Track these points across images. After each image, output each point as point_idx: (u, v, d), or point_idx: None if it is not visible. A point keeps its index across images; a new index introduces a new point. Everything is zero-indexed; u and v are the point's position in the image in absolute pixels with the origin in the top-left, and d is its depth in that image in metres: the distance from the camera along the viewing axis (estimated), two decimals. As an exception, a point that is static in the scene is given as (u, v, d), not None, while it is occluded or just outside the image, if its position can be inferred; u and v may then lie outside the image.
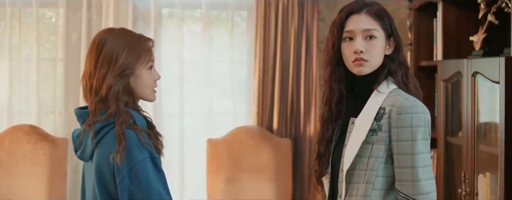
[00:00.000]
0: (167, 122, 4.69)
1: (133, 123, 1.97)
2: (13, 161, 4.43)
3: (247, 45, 4.71)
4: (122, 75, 1.98)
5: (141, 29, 4.56)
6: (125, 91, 1.99)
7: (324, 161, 2.11)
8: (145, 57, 2.04)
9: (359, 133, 1.99)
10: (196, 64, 4.68)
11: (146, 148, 1.92)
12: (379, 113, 1.99)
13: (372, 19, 2.04)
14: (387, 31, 2.05)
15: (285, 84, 4.62)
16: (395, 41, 2.06)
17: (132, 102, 2.03)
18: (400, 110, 1.95)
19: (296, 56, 4.62)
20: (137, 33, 2.10)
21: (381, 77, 2.04)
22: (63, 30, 4.59)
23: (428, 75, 3.91)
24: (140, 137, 1.93)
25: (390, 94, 2.01)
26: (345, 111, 2.09)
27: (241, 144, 4.53)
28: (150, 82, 2.06)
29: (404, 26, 4.31)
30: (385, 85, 2.04)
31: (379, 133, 1.97)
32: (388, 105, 1.99)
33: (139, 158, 1.91)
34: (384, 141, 1.97)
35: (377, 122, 1.98)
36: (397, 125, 1.95)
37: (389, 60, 2.05)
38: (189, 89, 4.68)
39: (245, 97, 4.72)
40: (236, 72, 4.71)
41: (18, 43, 4.61)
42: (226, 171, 4.50)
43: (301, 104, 4.62)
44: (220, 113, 4.75)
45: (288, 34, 4.62)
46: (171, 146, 4.58)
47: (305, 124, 4.63)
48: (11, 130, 4.51)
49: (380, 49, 2.03)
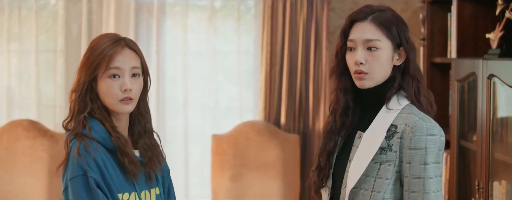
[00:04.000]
0: (171, 116, 4.63)
1: (84, 133, 1.92)
2: (11, 157, 4.37)
3: (253, 37, 4.62)
4: (80, 83, 1.97)
5: (144, 19, 4.50)
6: (85, 100, 1.96)
7: (324, 173, 2.01)
8: (101, 66, 1.96)
9: (367, 150, 1.88)
10: (200, 56, 4.62)
11: (80, 165, 1.87)
12: (390, 131, 1.88)
13: (376, 29, 1.90)
14: (394, 41, 1.91)
15: (293, 77, 4.55)
16: (405, 51, 1.92)
17: (100, 112, 1.97)
18: (415, 131, 1.85)
19: (305, 48, 4.53)
20: (112, 37, 2.02)
21: (390, 93, 1.91)
22: (63, 21, 4.51)
23: (442, 72, 3.78)
24: (80, 151, 1.88)
25: (403, 111, 1.90)
26: (350, 123, 1.98)
27: (247, 140, 4.47)
28: (111, 91, 1.97)
29: (416, 19, 4.18)
30: (396, 100, 1.92)
31: (389, 152, 1.87)
32: (401, 123, 1.88)
33: (71, 175, 1.88)
34: (393, 162, 1.87)
35: (388, 141, 1.88)
36: (410, 146, 1.85)
37: (399, 71, 1.93)
38: (193, 82, 4.62)
39: (251, 91, 4.65)
40: (242, 65, 4.64)
41: (17, 35, 4.54)
42: (231, 168, 4.44)
43: (310, 98, 4.55)
44: (226, 107, 4.68)
45: (297, 25, 4.52)
46: (175, 141, 4.54)
47: (314, 119, 4.57)
48: (10, 125, 4.45)
49: (384, 61, 1.91)
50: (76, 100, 2.00)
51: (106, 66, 1.96)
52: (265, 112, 4.55)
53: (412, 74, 1.92)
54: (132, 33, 4.46)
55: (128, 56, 2.01)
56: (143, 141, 2.09)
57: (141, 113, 2.09)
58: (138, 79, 2.02)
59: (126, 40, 2.04)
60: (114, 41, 2.01)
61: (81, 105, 1.99)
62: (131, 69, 2.00)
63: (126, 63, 1.99)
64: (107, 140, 1.97)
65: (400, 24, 1.92)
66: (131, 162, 1.97)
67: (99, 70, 1.97)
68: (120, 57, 1.99)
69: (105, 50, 1.98)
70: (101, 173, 1.91)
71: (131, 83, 1.99)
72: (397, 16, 1.93)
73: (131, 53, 2.02)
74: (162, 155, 2.15)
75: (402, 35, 1.91)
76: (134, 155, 2.00)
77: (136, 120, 2.09)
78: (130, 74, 2.00)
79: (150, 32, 4.53)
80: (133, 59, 2.02)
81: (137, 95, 2.03)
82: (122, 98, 1.98)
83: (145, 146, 2.08)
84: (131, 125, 2.09)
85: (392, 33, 1.90)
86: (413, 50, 1.93)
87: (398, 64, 1.92)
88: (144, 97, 2.11)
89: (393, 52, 1.91)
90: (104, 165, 1.93)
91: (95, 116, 1.99)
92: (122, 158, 1.96)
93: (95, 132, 1.96)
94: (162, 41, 4.52)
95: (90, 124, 1.97)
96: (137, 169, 1.98)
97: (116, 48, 1.99)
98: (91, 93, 2.00)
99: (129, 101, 2.00)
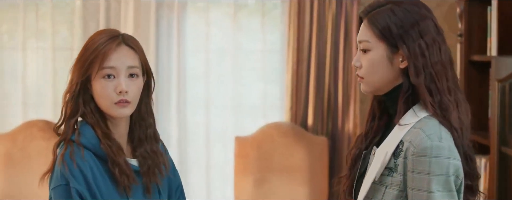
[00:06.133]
0: (192, 116, 4.54)
1: (72, 139, 1.80)
2: (26, 159, 4.29)
3: (279, 33, 4.51)
4: (72, 84, 1.84)
5: (165, 15, 4.43)
6: (77, 103, 1.83)
7: (348, 183, 1.83)
8: (94, 65, 1.80)
9: (373, 170, 1.67)
10: (223, 54, 4.53)
11: (63, 173, 1.75)
12: (398, 149, 1.64)
13: (368, 28, 1.69)
14: (388, 41, 1.67)
15: (322, 76, 4.43)
16: (404, 53, 1.66)
17: (92, 116, 1.83)
18: (417, 151, 1.60)
19: (334, 45, 4.40)
20: (108, 33, 1.86)
21: (399, 105, 1.67)
22: (80, 17, 4.42)
23: (481, 71, 3.56)
24: (64, 159, 1.75)
25: (416, 124, 1.64)
26: (373, 135, 1.78)
27: (272, 142, 4.38)
28: (105, 93, 1.81)
29: (453, 13, 3.96)
30: (412, 113, 1.66)
31: (394, 174, 1.64)
32: (408, 140, 1.63)
33: (53, 184, 1.78)
34: (398, 186, 1.64)
35: (395, 160, 1.64)
36: (413, 169, 1.61)
37: (406, 76, 1.68)
38: (216, 81, 4.53)
39: (277, 90, 4.54)
40: (267, 63, 4.53)
41: (33, 32, 4.46)
42: (255, 171, 4.36)
43: (339, 99, 4.42)
44: (250, 108, 4.58)
45: (325, 20, 4.39)
46: (196, 141, 4.49)
47: (343, 121, 4.44)
48: (25, 126, 4.38)
49: (377, 64, 1.68)
50: (68, 102, 1.86)
51: (99, 65, 1.81)
52: (291, 113, 4.45)
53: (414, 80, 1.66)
54: (152, 30, 4.38)
55: (125, 54, 1.84)
56: (143, 148, 1.91)
57: (142, 118, 1.93)
58: (136, 80, 1.85)
59: (123, 36, 1.87)
60: (109, 37, 1.84)
61: (73, 108, 1.85)
62: (127, 68, 1.84)
63: (122, 62, 1.83)
64: (97, 147, 1.81)
65: (403, 23, 1.67)
66: (123, 172, 1.80)
67: (92, 69, 1.82)
68: (115, 55, 1.82)
69: (99, 48, 1.82)
70: (87, 183, 1.75)
71: (127, 84, 1.82)
72: (401, 14, 1.68)
73: (128, 51, 1.85)
74: (167, 165, 1.97)
75: (401, 34, 1.67)
76: (127, 165, 1.83)
77: (137, 126, 1.92)
78: (126, 74, 1.83)
79: (171, 29, 4.43)
80: (130, 58, 1.85)
81: (135, 98, 1.86)
82: (118, 100, 1.82)
83: (144, 154, 1.90)
84: (131, 131, 1.92)
85: (384, 33, 1.67)
86: (414, 53, 1.66)
87: (402, 67, 1.68)
88: (147, 100, 1.94)
89: (390, 54, 1.68)
90: (92, 174, 1.77)
91: (87, 121, 1.84)
92: (112, 168, 1.79)
93: (84, 137, 1.81)
94: (183, 38, 4.44)
95: (81, 129, 1.83)
96: (129, 181, 1.81)
97: (110, 45, 1.82)
98: (85, 95, 1.85)
99: (126, 104, 1.83)
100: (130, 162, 1.86)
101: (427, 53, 1.66)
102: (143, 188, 1.87)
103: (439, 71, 1.67)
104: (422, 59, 1.65)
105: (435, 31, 1.69)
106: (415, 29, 1.66)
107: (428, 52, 1.66)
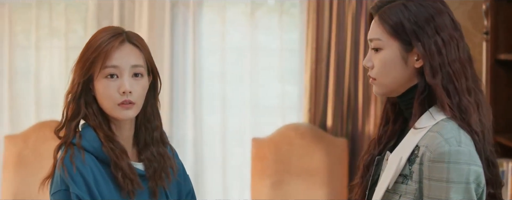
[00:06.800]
0: (208, 117, 4.49)
1: (73, 142, 1.73)
2: (38, 160, 4.25)
3: (298, 33, 4.44)
4: (74, 84, 1.79)
5: (180, 13, 4.38)
6: (78, 104, 1.77)
7: (360, 191, 1.73)
8: (96, 65, 1.73)
9: (386, 178, 1.56)
10: (240, 53, 4.48)
11: (62, 178, 1.69)
12: (413, 154, 1.53)
13: (378, 25, 1.59)
14: (402, 39, 1.56)
15: (341, 75, 4.36)
16: (418, 51, 1.55)
17: (94, 118, 1.76)
18: (434, 157, 1.49)
19: (354, 44, 4.31)
20: (111, 30, 1.78)
21: (415, 108, 1.56)
22: (93, 16, 4.36)
23: (508, 70, 3.46)
24: (64, 163, 1.68)
25: (433, 127, 1.53)
26: (387, 140, 1.67)
27: (290, 144, 4.32)
28: (107, 94, 1.73)
29: (478, 10, 3.84)
30: (428, 115, 1.55)
31: (409, 182, 1.53)
32: (424, 144, 1.52)
33: (53, 189, 1.74)
34: (413, 194, 1.53)
35: (410, 166, 1.53)
36: (429, 177, 1.49)
37: (422, 76, 1.57)
38: (232, 80, 4.49)
39: (295, 90, 4.49)
40: (286, 63, 4.47)
41: (46, 31, 4.43)
42: (272, 174, 4.30)
43: (359, 99, 4.35)
44: (267, 108, 4.52)
45: (345, 18, 4.31)
46: (212, 142, 4.46)
47: (363, 122, 4.36)
48: (38, 127, 4.34)
49: (389, 63, 1.58)
50: (69, 103, 1.79)
51: (101, 64, 1.73)
52: (310, 114, 4.38)
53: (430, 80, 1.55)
54: (167, 29, 4.32)
55: (128, 52, 1.76)
56: (149, 151, 1.83)
57: (148, 120, 1.84)
58: (140, 80, 1.77)
59: (127, 34, 1.79)
60: (112, 35, 1.76)
61: (74, 110, 1.77)
62: (131, 67, 1.75)
63: (125, 61, 1.75)
64: (99, 150, 1.73)
65: (417, 18, 1.56)
66: (126, 177, 1.72)
67: (94, 69, 1.74)
68: (118, 54, 1.74)
69: (101, 46, 1.74)
70: (88, 188, 1.68)
71: (131, 84, 1.74)
72: (414, 9, 1.57)
73: (133, 49, 1.77)
74: (175, 168, 1.87)
75: (415, 30, 1.56)
76: (131, 169, 1.74)
77: (142, 128, 1.84)
78: (130, 73, 1.75)
79: (187, 28, 4.38)
80: (134, 56, 1.77)
81: (140, 99, 1.78)
82: (121, 101, 1.74)
83: (150, 157, 1.82)
84: (136, 134, 1.84)
85: (397, 30, 1.56)
86: (430, 51, 1.55)
87: (417, 66, 1.57)
88: (153, 101, 1.86)
89: (403, 52, 1.57)
90: (93, 179, 1.69)
91: (89, 123, 1.77)
92: (115, 172, 1.71)
93: (86, 140, 1.74)
94: (199, 37, 4.39)
95: (82, 131, 1.76)
96: (133, 185, 1.72)
97: (113, 43, 1.74)
98: (87, 96, 1.78)
99: (129, 105, 1.75)
100: (136, 166, 1.78)
101: (444, 50, 1.55)
102: (149, 192, 1.79)
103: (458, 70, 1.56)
104: (439, 58, 1.55)
105: (452, 27, 1.57)
106: (431, 24, 1.55)
107: (445, 49, 1.55)
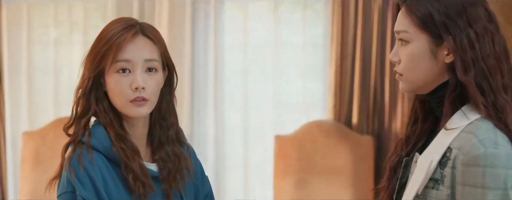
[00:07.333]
0: (230, 115, 4.49)
1: (82, 140, 1.65)
2: (55, 157, 4.09)
3: (322, 28, 4.42)
4: (84, 79, 1.69)
5: (201, 8, 4.40)
6: (88, 100, 1.68)
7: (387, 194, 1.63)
8: (107, 58, 1.63)
9: (415, 182, 1.46)
10: (263, 48, 4.49)
11: (69, 179, 1.62)
12: (445, 157, 1.42)
13: (406, 16, 1.49)
14: (431, 31, 1.46)
15: (367, 71, 4.33)
16: (449, 45, 1.45)
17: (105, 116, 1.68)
18: (468, 160, 1.38)
19: (380, 39, 4.28)
20: (124, 21, 1.70)
21: (446, 106, 1.45)
22: (113, 11, 4.38)
23: None
24: (71, 163, 1.62)
25: (466, 128, 1.42)
26: (415, 140, 1.56)
27: (314, 142, 4.29)
28: (119, 90, 1.64)
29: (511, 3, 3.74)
30: (461, 114, 1.44)
31: (441, 187, 1.42)
32: (456, 146, 1.41)
33: (59, 191, 1.67)
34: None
35: (441, 170, 1.42)
36: (463, 182, 1.38)
37: (453, 72, 1.46)
38: (255, 76, 4.48)
39: (319, 86, 4.46)
40: (309, 59, 4.46)
41: (65, 26, 4.45)
42: (295, 173, 4.28)
43: (386, 95, 4.31)
44: (290, 105, 4.51)
45: (371, 12, 4.28)
46: (234, 142, 4.47)
47: (390, 119, 4.32)
48: (56, 123, 4.32)
49: (417, 58, 1.47)
50: (79, 99, 1.69)
51: (113, 58, 1.63)
52: (334, 111, 4.36)
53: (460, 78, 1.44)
54: (188, 24, 4.31)
55: (142, 45, 1.66)
56: (164, 151, 1.73)
57: (163, 117, 1.74)
58: (155, 75, 1.67)
59: (141, 26, 1.69)
60: (125, 26, 1.66)
61: (84, 106, 1.69)
62: (145, 61, 1.65)
63: (138, 54, 1.65)
64: (109, 150, 1.64)
65: (448, 9, 1.45)
66: (137, 179, 1.62)
67: (105, 63, 1.64)
68: (130, 47, 1.65)
69: (113, 38, 1.64)
70: (96, 190, 1.59)
71: (144, 80, 1.64)
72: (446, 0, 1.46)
73: (146, 42, 1.67)
74: (192, 169, 1.77)
75: (445, 22, 1.45)
76: (143, 171, 1.64)
77: (157, 126, 1.74)
78: (144, 68, 1.66)
79: (208, 23, 4.38)
80: (148, 50, 1.67)
81: (154, 95, 1.68)
82: (133, 98, 1.64)
83: (164, 157, 1.72)
84: (151, 132, 1.74)
85: (425, 22, 1.45)
86: (462, 45, 1.44)
87: (448, 61, 1.46)
88: (169, 98, 1.76)
89: (433, 46, 1.46)
90: (102, 180, 1.61)
91: (100, 121, 1.68)
92: (125, 174, 1.62)
93: (95, 139, 1.65)
94: (221, 32, 4.39)
95: (92, 129, 1.67)
96: (145, 189, 1.63)
97: (125, 35, 1.65)
98: (98, 92, 1.68)
99: (142, 102, 1.65)
100: (149, 167, 1.69)
101: (478, 44, 1.44)
102: (162, 195, 1.69)
103: (492, 66, 1.44)
104: (472, 52, 1.43)
105: (486, 18, 1.46)
106: (463, 16, 1.44)
107: (478, 43, 1.44)
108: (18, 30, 4.41)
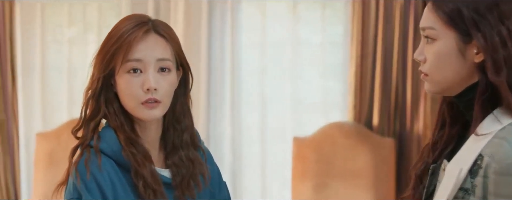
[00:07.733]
0: (247, 115, 4.48)
1: (91, 144, 1.60)
2: None
3: (342, 26, 4.41)
4: (94, 79, 1.62)
5: (217, 7, 4.40)
6: (98, 102, 1.62)
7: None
8: (118, 58, 1.56)
9: (443, 191, 1.38)
10: (281, 47, 4.47)
11: (75, 186, 1.55)
12: (476, 165, 1.34)
13: (432, 12, 1.41)
14: (459, 28, 1.38)
15: (388, 71, 4.31)
16: (478, 42, 1.36)
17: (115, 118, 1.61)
18: (501, 168, 1.30)
19: (402, 38, 4.27)
20: (136, 18, 1.62)
21: (476, 110, 1.37)
22: (127, 10, 4.36)
23: None
24: (78, 168, 1.55)
25: (499, 133, 1.33)
26: (443, 146, 1.48)
27: (333, 144, 4.28)
28: (129, 91, 1.57)
29: None
30: (492, 118, 1.35)
31: (471, 198, 1.34)
32: (488, 153, 1.32)
33: (66, 197, 1.61)
34: None
35: (472, 179, 1.34)
36: (495, 192, 1.30)
37: (483, 72, 1.37)
38: (273, 76, 4.47)
39: (339, 87, 4.45)
40: (329, 58, 4.44)
41: (79, 25, 4.46)
42: (314, 176, 4.26)
43: (408, 96, 4.29)
44: (309, 106, 4.49)
45: (392, 11, 4.26)
46: (251, 143, 4.47)
47: (412, 121, 4.30)
48: (70, 124, 4.20)
49: (444, 56, 1.39)
50: (88, 101, 1.63)
51: (123, 57, 1.56)
52: (354, 112, 4.34)
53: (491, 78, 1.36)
54: (204, 23, 4.30)
55: (154, 44, 1.58)
56: (177, 156, 1.65)
57: (177, 120, 1.66)
58: (168, 75, 1.59)
59: (153, 23, 1.61)
60: (136, 24, 1.58)
61: (94, 108, 1.62)
62: (157, 61, 1.58)
63: (150, 54, 1.57)
64: (119, 154, 1.57)
65: (477, 5, 1.37)
66: (148, 186, 1.55)
67: (116, 62, 1.58)
68: (142, 46, 1.57)
69: (123, 36, 1.56)
70: (104, 197, 1.53)
71: (156, 80, 1.56)
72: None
73: (159, 40, 1.59)
74: (207, 175, 1.70)
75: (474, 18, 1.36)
76: (154, 177, 1.57)
77: (171, 129, 1.67)
78: (156, 68, 1.58)
79: (225, 21, 4.37)
80: (160, 48, 1.59)
81: (167, 96, 1.60)
82: (145, 99, 1.57)
83: (178, 163, 1.65)
84: (164, 136, 1.67)
85: (453, 18, 1.37)
86: (493, 43, 1.36)
87: (478, 61, 1.38)
88: (183, 99, 1.68)
89: (461, 44, 1.38)
90: (111, 186, 1.54)
91: (110, 123, 1.61)
92: (136, 181, 1.55)
93: (105, 143, 1.58)
94: (238, 31, 4.37)
95: (102, 133, 1.60)
96: (156, 196, 1.55)
97: (137, 33, 1.57)
98: (108, 93, 1.61)
99: (155, 104, 1.57)
100: (161, 172, 1.61)
101: (510, 42, 1.35)
102: None
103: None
104: (503, 51, 1.35)
105: None
106: (494, 12, 1.36)
107: (511, 41, 1.35)
108: (31, 29, 4.41)
